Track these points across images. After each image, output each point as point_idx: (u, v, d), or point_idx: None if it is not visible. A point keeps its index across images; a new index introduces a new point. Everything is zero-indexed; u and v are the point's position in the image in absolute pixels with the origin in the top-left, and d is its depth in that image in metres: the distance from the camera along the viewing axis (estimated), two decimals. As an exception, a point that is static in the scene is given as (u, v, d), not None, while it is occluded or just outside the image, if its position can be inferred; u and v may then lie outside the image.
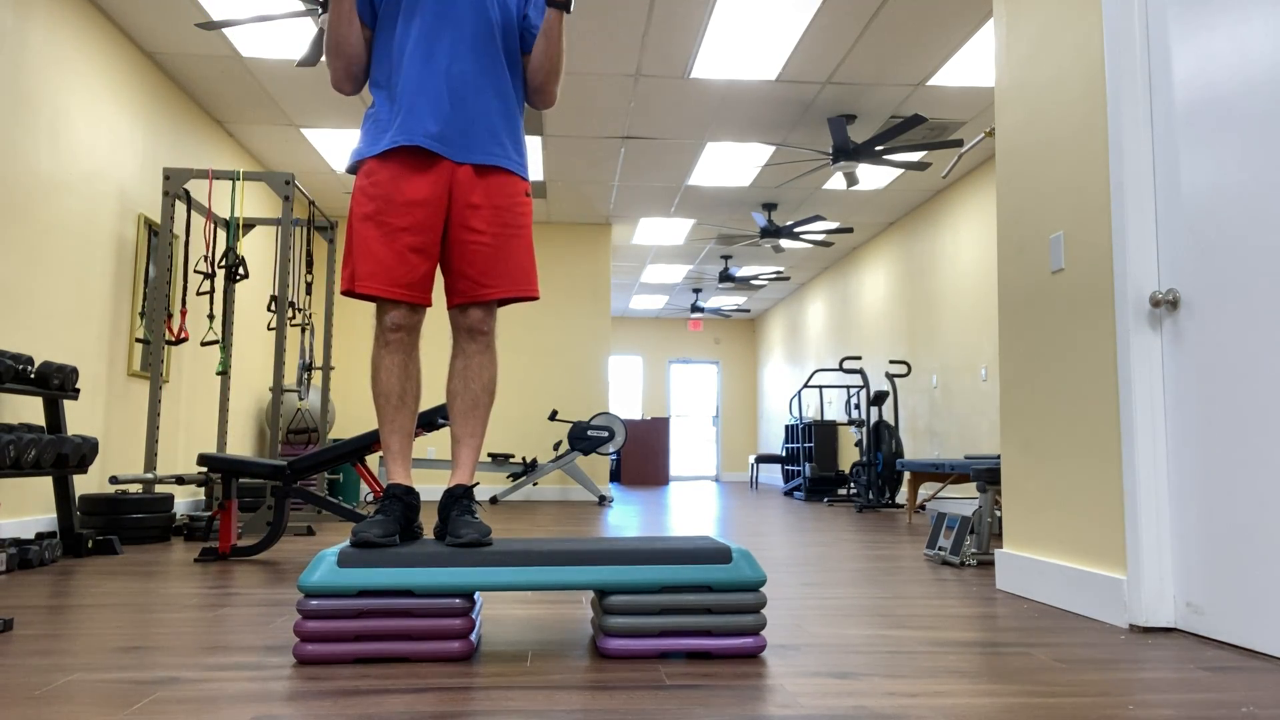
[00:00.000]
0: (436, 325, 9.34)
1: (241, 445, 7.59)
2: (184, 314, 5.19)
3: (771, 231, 8.39)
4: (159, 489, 5.59)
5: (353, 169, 2.35)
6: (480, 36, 2.32)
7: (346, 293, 2.29)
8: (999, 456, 5.33)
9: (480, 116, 2.32)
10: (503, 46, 2.36)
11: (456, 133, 2.29)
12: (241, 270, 5.76)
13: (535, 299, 2.43)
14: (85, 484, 5.00)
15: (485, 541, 2.19)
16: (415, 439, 5.74)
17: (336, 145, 7.15)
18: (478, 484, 2.42)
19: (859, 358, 9.37)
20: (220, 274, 6.65)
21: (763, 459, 11.93)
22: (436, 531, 2.31)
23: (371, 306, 9.36)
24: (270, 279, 7.68)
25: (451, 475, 2.37)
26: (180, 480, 4.50)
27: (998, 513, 4.99)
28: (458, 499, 2.30)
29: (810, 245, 9.98)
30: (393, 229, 2.26)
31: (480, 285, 2.32)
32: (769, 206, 8.71)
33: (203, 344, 5.24)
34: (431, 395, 9.30)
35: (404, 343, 2.32)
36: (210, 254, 6.12)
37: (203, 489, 6.28)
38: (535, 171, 7.75)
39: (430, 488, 9.15)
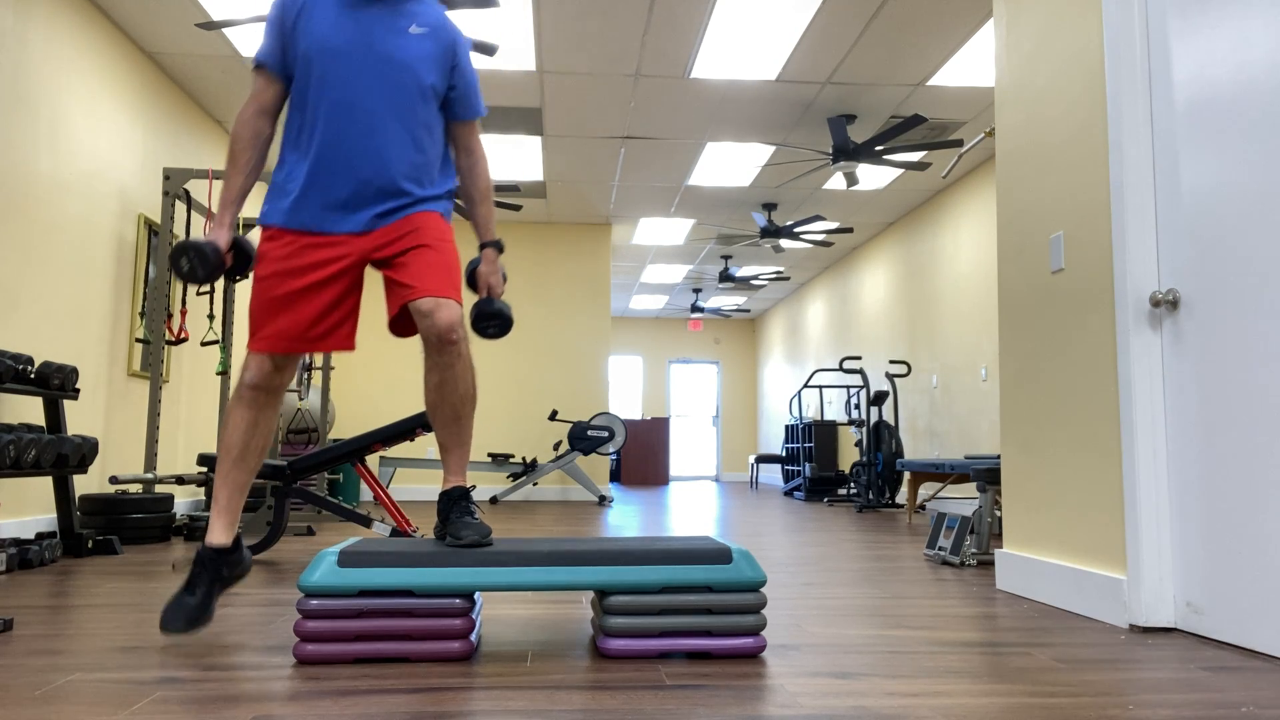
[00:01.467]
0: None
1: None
2: (184, 314, 5.20)
3: (771, 231, 8.39)
4: (159, 489, 5.59)
5: (259, 223, 2.34)
6: (395, 110, 2.29)
7: (253, 350, 2.29)
8: (999, 456, 5.33)
9: (391, 190, 2.29)
10: (421, 112, 2.33)
11: (365, 206, 2.27)
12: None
13: (458, 302, 2.35)
14: (85, 484, 5.00)
15: (486, 542, 2.19)
16: (416, 439, 5.74)
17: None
18: (474, 486, 2.41)
19: (859, 358, 9.37)
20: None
21: (763, 459, 11.93)
22: (437, 532, 2.31)
23: (373, 308, 9.36)
24: (270, 279, 7.67)
25: (445, 479, 2.36)
26: (180, 480, 4.50)
27: (998, 513, 4.99)
28: (456, 501, 2.30)
29: (810, 245, 9.98)
30: (283, 293, 2.25)
31: (418, 288, 2.26)
32: (769, 206, 8.71)
33: (203, 344, 5.24)
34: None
35: (259, 401, 2.31)
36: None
37: (203, 489, 6.28)
38: (535, 171, 7.75)
39: (430, 487, 9.15)
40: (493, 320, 2.39)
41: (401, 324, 2.40)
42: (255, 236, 7.21)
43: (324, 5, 2.29)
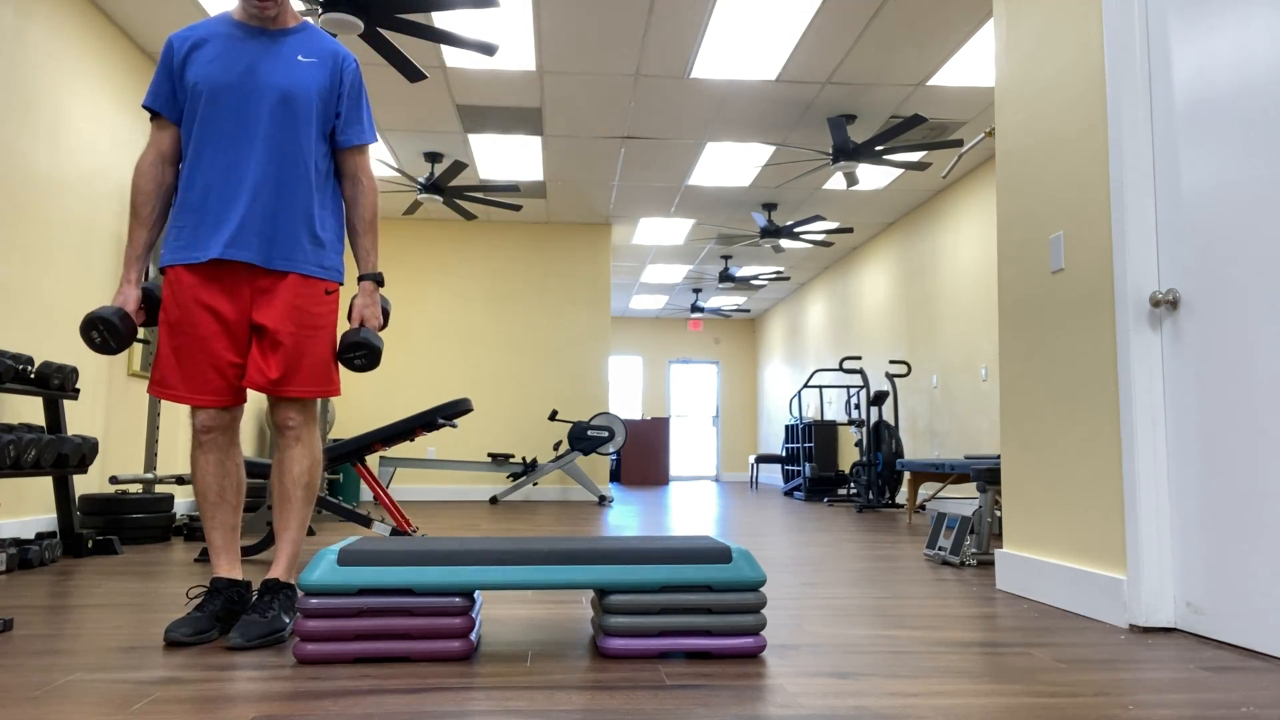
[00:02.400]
0: (442, 324, 9.34)
1: (241, 445, 7.59)
2: (184, 314, 5.20)
3: (771, 231, 8.39)
4: (159, 489, 5.59)
5: (161, 270, 2.34)
6: (284, 135, 2.29)
7: (155, 396, 2.29)
8: (999, 456, 5.33)
9: (281, 223, 2.29)
10: (311, 142, 2.33)
11: (255, 239, 2.26)
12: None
13: (335, 395, 2.40)
14: (85, 484, 5.00)
15: (250, 646, 2.14)
16: (416, 439, 5.74)
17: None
18: (292, 583, 2.36)
19: (859, 358, 9.37)
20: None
21: (763, 459, 11.93)
22: (222, 630, 2.29)
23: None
24: (270, 279, 7.67)
25: (273, 566, 2.35)
26: (180, 480, 4.50)
27: (998, 513, 4.99)
28: (263, 594, 2.28)
29: (810, 245, 9.98)
30: (196, 337, 2.25)
31: (279, 385, 2.27)
32: (769, 206, 8.71)
33: (203, 344, 5.24)
34: (430, 397, 9.31)
35: (218, 442, 2.32)
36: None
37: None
38: (535, 171, 7.75)
39: (429, 487, 9.15)
40: (358, 350, 2.34)
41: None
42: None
43: (212, 41, 2.30)
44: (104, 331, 2.24)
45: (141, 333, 5.46)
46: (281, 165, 2.29)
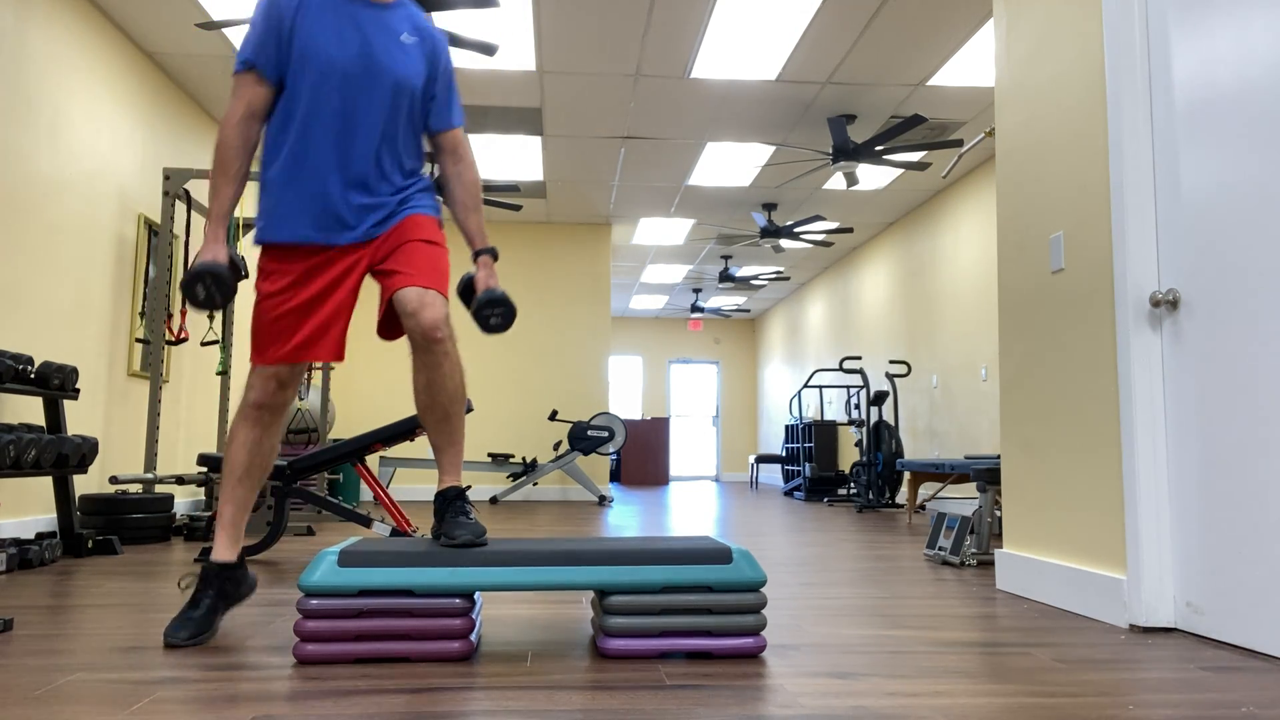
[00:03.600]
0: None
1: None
2: (184, 314, 5.19)
3: (771, 231, 8.39)
4: (159, 489, 5.59)
5: (256, 241, 2.33)
6: (383, 114, 2.28)
7: (255, 364, 2.29)
8: (999, 456, 5.33)
9: (385, 200, 2.30)
10: (406, 123, 2.34)
11: (362, 217, 2.28)
12: (242, 270, 5.75)
13: (445, 296, 2.34)
14: (85, 484, 5.00)
15: (480, 541, 2.19)
16: (415, 439, 5.74)
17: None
18: (470, 487, 2.40)
19: (859, 358, 9.37)
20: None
21: (763, 459, 11.93)
22: (433, 532, 2.30)
23: (371, 305, 9.36)
24: (270, 279, 7.67)
25: (440, 479, 2.36)
26: (180, 480, 4.50)
27: (998, 513, 4.99)
28: (451, 501, 2.29)
29: (810, 245, 9.98)
30: (287, 309, 2.25)
31: (403, 274, 2.25)
32: (769, 206, 8.71)
33: (203, 344, 5.24)
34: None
35: (263, 421, 2.31)
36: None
37: (203, 489, 6.28)
38: (535, 171, 7.75)
39: (430, 487, 9.15)
40: (497, 307, 2.32)
41: (389, 325, 2.39)
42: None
43: (316, 6, 2.25)
44: (211, 285, 2.17)
45: (141, 332, 5.46)
46: (389, 149, 2.30)
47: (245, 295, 7.21)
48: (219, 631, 2.34)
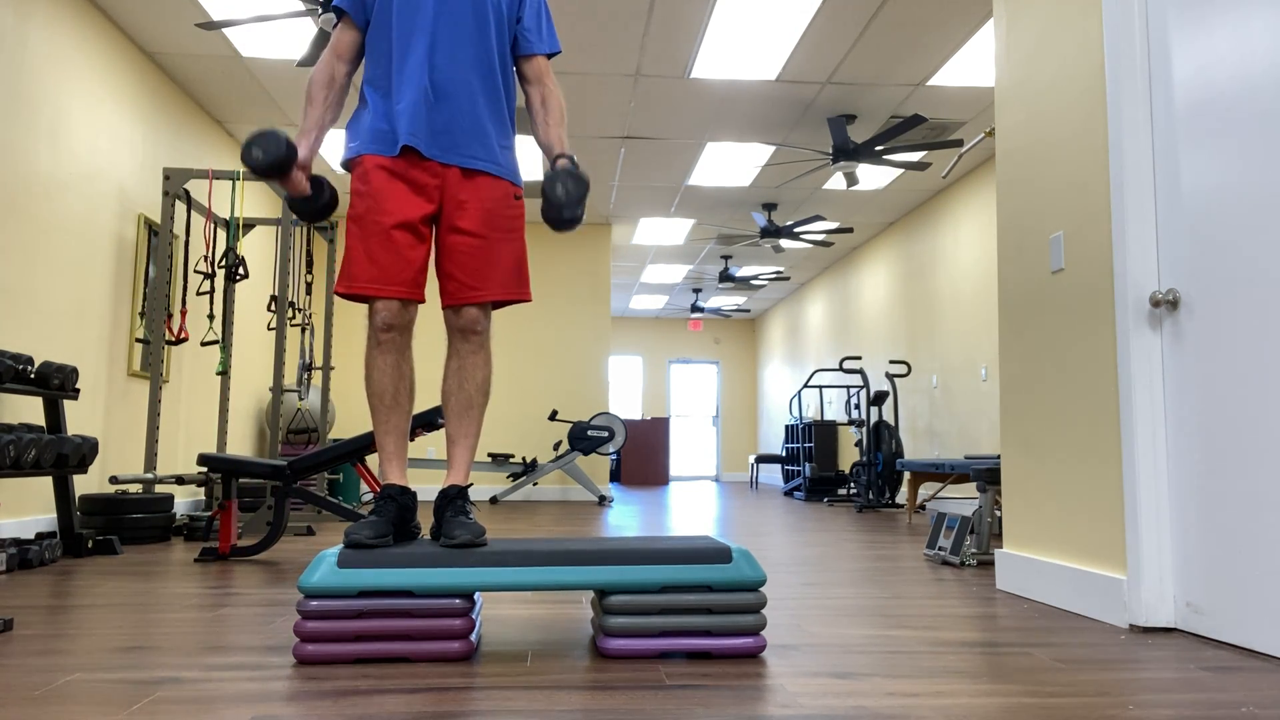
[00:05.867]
0: (433, 323, 9.33)
1: (241, 445, 7.59)
2: (184, 314, 5.20)
3: (771, 231, 8.39)
4: (159, 489, 5.59)
5: (346, 166, 2.35)
6: (472, 38, 2.32)
7: (341, 294, 2.29)
8: (999, 456, 5.33)
9: (469, 119, 2.31)
10: (496, 48, 2.36)
11: (444, 134, 2.29)
12: (241, 270, 5.76)
13: (527, 301, 2.42)
14: (85, 484, 5.00)
15: (479, 542, 2.18)
16: (415, 439, 5.75)
17: (337, 145, 7.15)
18: (472, 484, 2.40)
19: (859, 358, 9.37)
20: (220, 274, 6.65)
21: (763, 459, 11.93)
22: (433, 532, 2.30)
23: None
24: (270, 279, 7.69)
25: (447, 475, 2.36)
26: (180, 480, 4.50)
27: (998, 513, 4.99)
28: (452, 500, 2.29)
29: (810, 245, 9.98)
30: (382, 228, 2.25)
31: (469, 287, 2.31)
32: (769, 206, 8.71)
33: (203, 344, 5.24)
34: (430, 398, 9.30)
35: (395, 343, 2.31)
36: (210, 254, 6.12)
37: (203, 489, 6.28)
38: (535, 171, 7.75)
39: (430, 487, 9.14)
40: (564, 179, 2.26)
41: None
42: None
43: None
44: (266, 145, 2.15)
45: (141, 332, 5.46)
46: (470, 67, 2.31)
47: (245, 289, 7.21)
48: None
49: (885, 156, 7.20)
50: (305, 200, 2.31)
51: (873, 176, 7.75)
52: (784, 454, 11.52)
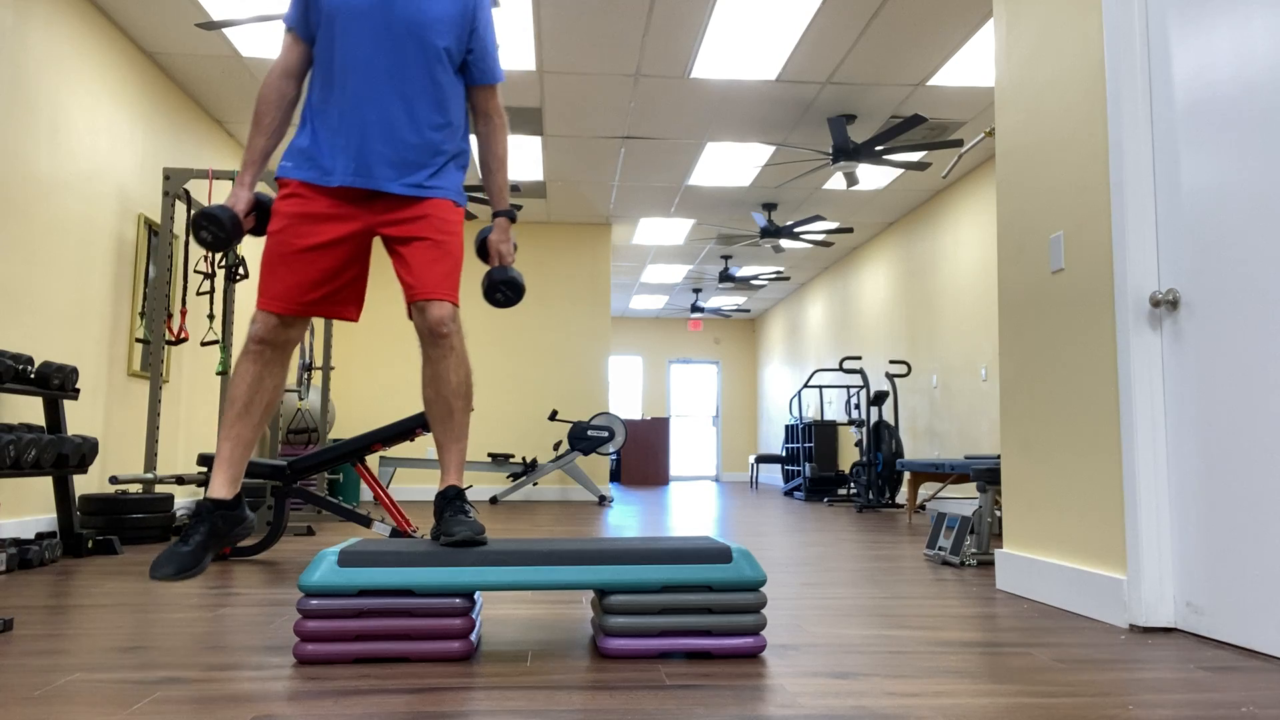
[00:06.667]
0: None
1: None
2: (184, 314, 5.19)
3: (771, 231, 8.39)
4: (159, 489, 5.59)
5: (276, 179, 2.35)
6: (417, 67, 2.30)
7: (259, 308, 2.30)
8: (999, 456, 5.33)
9: (411, 155, 2.30)
10: (443, 77, 2.34)
11: (383, 166, 2.28)
12: (241, 270, 5.76)
13: (454, 305, 2.34)
14: (85, 484, 4.99)
15: (479, 540, 2.19)
16: (416, 439, 5.74)
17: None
18: (470, 486, 2.39)
19: (859, 358, 9.37)
20: (220, 274, 6.65)
21: (763, 459, 11.93)
22: (433, 532, 2.30)
23: (372, 309, 9.36)
24: (270, 279, 7.67)
25: (441, 478, 2.36)
26: (180, 480, 4.50)
27: (998, 513, 4.99)
28: (450, 500, 2.29)
29: (810, 245, 9.98)
30: (294, 249, 2.26)
31: (421, 284, 2.28)
32: (769, 206, 8.71)
33: (203, 344, 5.24)
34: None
35: (265, 356, 2.29)
36: (210, 254, 6.12)
37: (203, 489, 6.28)
38: (535, 171, 7.75)
39: (431, 487, 9.14)
40: (503, 287, 2.38)
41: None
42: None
43: None
44: (210, 227, 2.23)
45: (141, 332, 5.45)
46: (412, 96, 2.30)
47: (244, 294, 7.21)
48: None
49: (885, 156, 7.20)
50: (237, 236, 2.31)
51: (873, 176, 7.75)
52: (784, 454, 11.52)
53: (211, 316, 5.61)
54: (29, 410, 4.40)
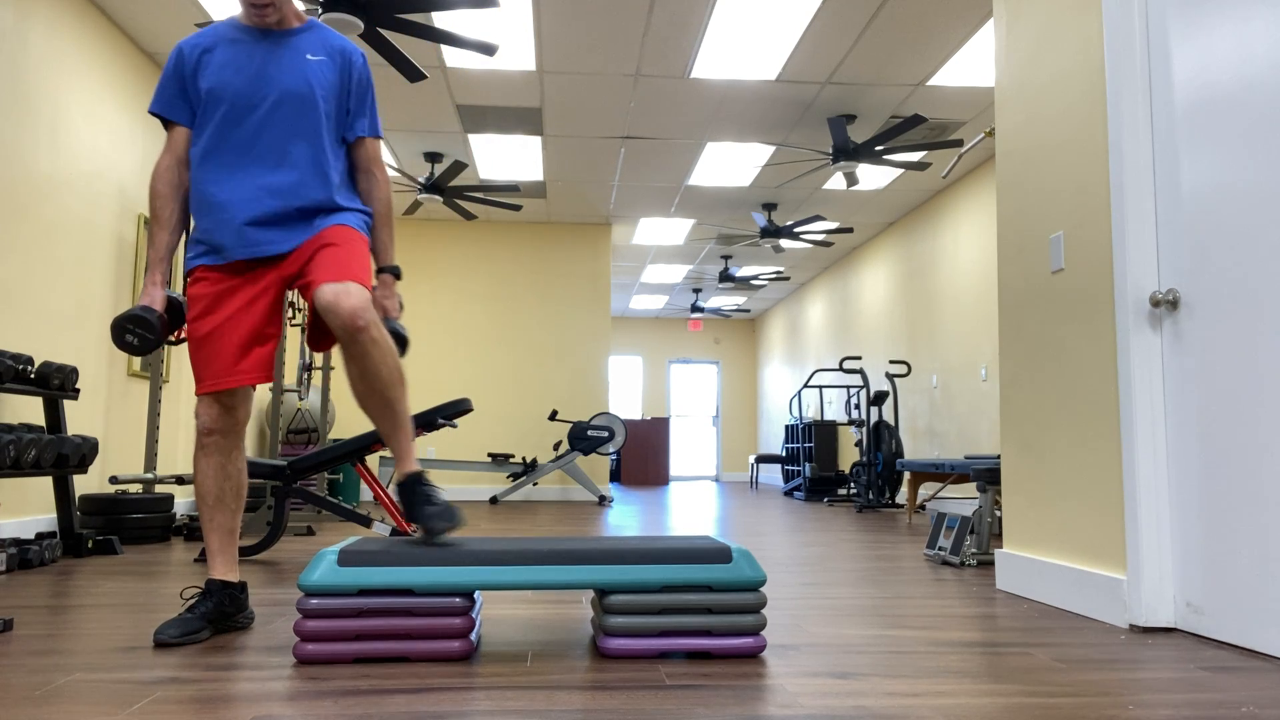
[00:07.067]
0: (442, 324, 9.34)
1: (245, 448, 7.57)
2: (184, 314, 5.19)
3: (771, 231, 8.39)
4: (159, 489, 5.59)
5: (186, 274, 2.36)
6: (297, 140, 2.31)
7: (200, 393, 2.32)
8: (999, 456, 5.33)
9: (301, 218, 2.31)
10: (327, 138, 2.35)
11: (277, 235, 2.29)
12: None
13: (367, 291, 2.30)
14: (85, 484, 4.99)
15: (455, 524, 2.19)
16: (416, 439, 5.75)
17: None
18: (423, 471, 2.37)
19: (859, 358, 9.37)
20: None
21: (763, 459, 11.93)
22: (406, 518, 2.30)
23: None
24: (270, 279, 7.67)
25: (397, 466, 2.35)
26: (180, 480, 4.50)
27: (998, 513, 4.99)
28: (413, 487, 2.29)
29: (810, 245, 9.98)
30: (218, 327, 2.28)
31: (317, 279, 2.23)
32: (769, 206, 8.71)
33: (203, 344, 5.23)
34: (430, 397, 9.31)
35: (219, 445, 2.33)
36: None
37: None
38: (535, 171, 7.75)
39: (437, 486, 9.14)
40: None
41: (317, 334, 2.43)
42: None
43: (221, 46, 2.33)
44: (137, 330, 2.24)
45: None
46: (299, 165, 2.31)
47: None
48: (218, 632, 2.34)
49: (885, 156, 7.20)
50: (164, 335, 2.32)
51: (873, 176, 7.75)
52: (784, 454, 11.52)
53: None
54: (29, 410, 4.40)
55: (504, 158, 7.41)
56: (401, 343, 2.38)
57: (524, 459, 8.56)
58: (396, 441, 2.33)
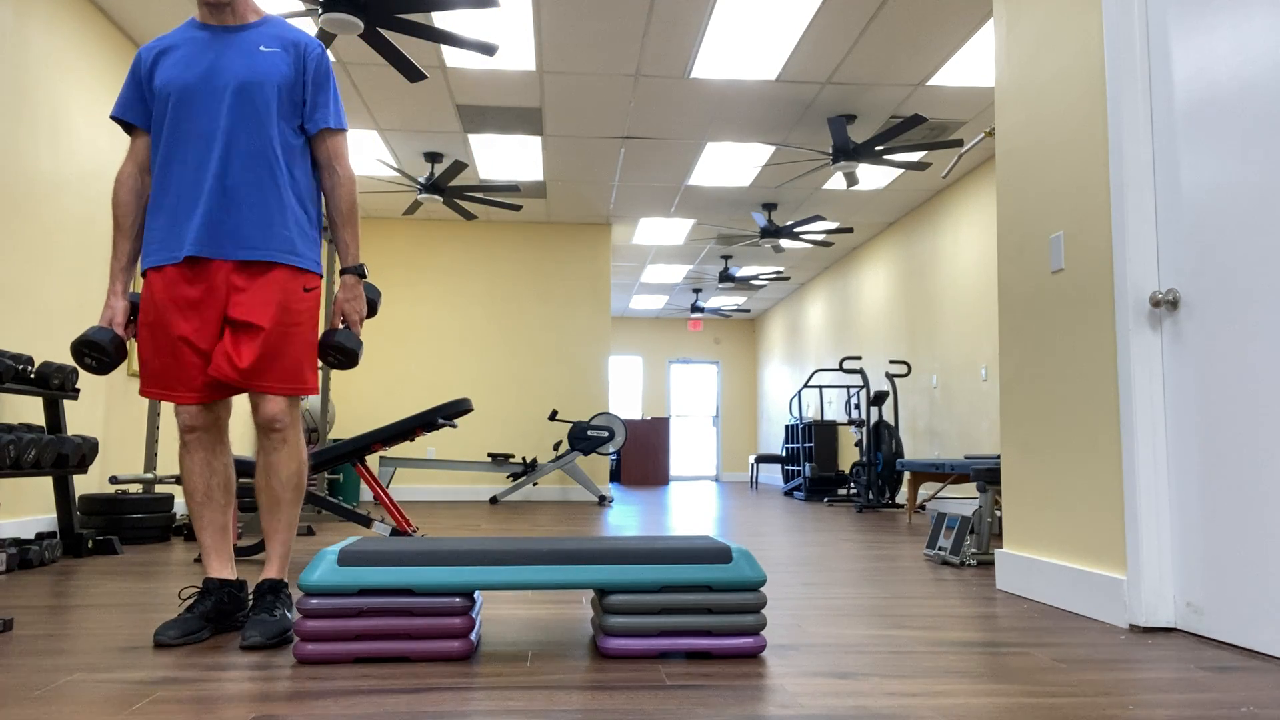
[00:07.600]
0: (442, 324, 9.34)
1: (241, 445, 7.59)
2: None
3: (771, 231, 8.39)
4: (159, 489, 5.59)
5: (142, 274, 2.35)
6: (248, 133, 2.27)
7: (145, 396, 2.31)
8: (999, 456, 5.33)
9: (252, 216, 2.26)
10: (280, 139, 2.31)
11: (226, 233, 2.25)
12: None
13: (312, 394, 2.37)
14: (85, 484, 4.99)
15: (269, 644, 2.15)
16: (415, 439, 5.74)
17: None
18: (285, 583, 2.34)
19: (859, 358, 9.37)
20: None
21: (763, 459, 11.93)
22: (243, 615, 2.32)
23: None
24: (270, 279, 7.66)
25: (265, 567, 2.36)
26: (180, 480, 4.50)
27: (998, 513, 4.99)
28: (263, 595, 2.29)
29: (810, 245, 9.98)
30: (169, 339, 2.25)
31: (250, 377, 2.24)
32: (769, 206, 8.71)
33: (203, 344, 5.24)
34: (430, 397, 9.31)
35: (202, 440, 2.32)
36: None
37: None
38: (535, 171, 7.75)
39: (429, 487, 9.15)
40: (333, 352, 2.36)
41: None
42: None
43: (178, 46, 2.32)
44: (94, 354, 2.27)
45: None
46: (248, 158, 2.27)
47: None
48: (215, 636, 2.34)
49: (885, 156, 7.20)
50: (121, 355, 2.32)
51: (873, 176, 7.75)
52: (784, 454, 11.52)
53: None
54: (29, 410, 4.40)
55: (504, 158, 7.41)
56: (348, 355, 2.34)
57: (524, 459, 8.56)
58: (274, 542, 2.34)
